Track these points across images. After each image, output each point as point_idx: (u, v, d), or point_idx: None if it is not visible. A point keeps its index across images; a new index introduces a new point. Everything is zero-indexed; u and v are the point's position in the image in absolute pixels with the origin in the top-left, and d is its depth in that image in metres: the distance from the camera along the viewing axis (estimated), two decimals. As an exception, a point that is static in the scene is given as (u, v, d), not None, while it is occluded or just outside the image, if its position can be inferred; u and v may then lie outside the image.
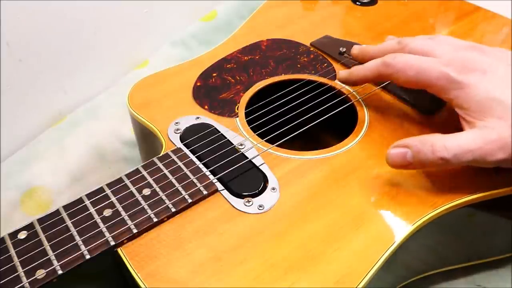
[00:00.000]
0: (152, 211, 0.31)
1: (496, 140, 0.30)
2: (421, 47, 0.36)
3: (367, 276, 0.28)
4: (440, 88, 0.34)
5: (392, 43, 0.39)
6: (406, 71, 0.35)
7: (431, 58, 0.35)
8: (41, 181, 0.48)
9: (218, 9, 0.70)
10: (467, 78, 0.33)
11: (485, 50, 0.35)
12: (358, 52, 0.42)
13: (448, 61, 0.34)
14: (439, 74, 0.33)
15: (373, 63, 0.37)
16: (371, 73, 0.38)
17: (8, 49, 0.48)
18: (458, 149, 0.31)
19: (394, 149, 0.33)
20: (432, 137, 0.32)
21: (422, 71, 0.34)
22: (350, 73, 0.40)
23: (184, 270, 0.29)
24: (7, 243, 0.29)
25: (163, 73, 0.46)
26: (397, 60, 0.35)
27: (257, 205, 0.32)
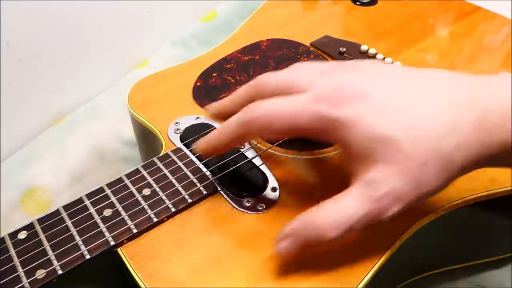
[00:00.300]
0: (152, 211, 0.31)
1: (386, 194, 0.24)
2: (281, 81, 0.29)
3: (367, 276, 0.28)
4: (319, 132, 0.27)
5: (246, 88, 0.31)
6: (272, 124, 0.27)
7: (295, 96, 0.27)
8: (41, 181, 0.48)
9: (218, 9, 0.70)
10: (345, 111, 0.25)
11: (359, 67, 0.28)
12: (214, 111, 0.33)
13: (318, 95, 0.26)
14: (310, 116, 0.26)
15: (232, 123, 0.29)
16: (234, 137, 0.29)
17: (8, 49, 0.48)
18: (347, 222, 0.25)
19: (281, 244, 0.27)
20: (316, 216, 0.26)
21: (290, 117, 0.26)
22: (208, 143, 0.31)
23: (184, 270, 0.29)
24: (7, 243, 0.29)
25: (163, 73, 0.46)
26: (256, 114, 0.27)
27: (257, 205, 0.32)
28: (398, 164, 0.24)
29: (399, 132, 0.24)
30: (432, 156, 0.24)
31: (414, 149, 0.24)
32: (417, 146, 0.24)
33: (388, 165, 0.24)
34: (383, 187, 0.24)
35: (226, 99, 0.32)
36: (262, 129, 0.28)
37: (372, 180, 0.25)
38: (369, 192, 0.25)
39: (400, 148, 0.24)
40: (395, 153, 0.24)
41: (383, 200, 0.24)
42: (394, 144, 0.24)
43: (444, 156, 0.24)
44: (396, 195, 0.24)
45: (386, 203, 0.25)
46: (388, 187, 0.24)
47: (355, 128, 0.25)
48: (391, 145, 0.24)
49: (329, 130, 0.26)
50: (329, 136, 0.27)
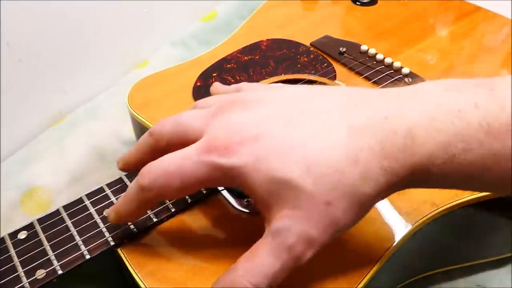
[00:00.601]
0: (152, 211, 0.31)
1: (296, 242, 0.23)
2: (175, 130, 0.28)
3: (367, 276, 0.28)
4: (220, 181, 0.25)
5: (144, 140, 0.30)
6: (170, 185, 0.25)
7: (186, 149, 0.26)
8: (41, 181, 0.48)
9: (218, 9, 0.70)
10: (238, 158, 0.24)
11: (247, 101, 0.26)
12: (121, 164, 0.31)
13: (207, 145, 0.25)
14: (205, 168, 0.24)
15: (131, 192, 0.27)
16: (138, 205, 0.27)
17: (8, 49, 0.48)
18: (266, 279, 0.23)
19: None
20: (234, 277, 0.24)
21: (186, 174, 0.25)
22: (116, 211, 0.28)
23: (184, 270, 0.29)
24: (7, 243, 0.29)
25: (163, 73, 0.46)
26: (152, 176, 0.26)
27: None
28: (303, 207, 0.23)
29: (299, 173, 0.23)
30: (337, 193, 0.23)
31: (317, 188, 0.23)
32: (319, 185, 0.23)
33: (294, 210, 0.23)
34: (293, 234, 0.23)
35: (130, 151, 0.31)
36: (162, 192, 0.26)
37: (280, 228, 0.23)
38: (280, 242, 0.23)
39: (302, 190, 0.23)
40: (298, 196, 0.23)
41: (295, 247, 0.23)
42: (295, 186, 0.23)
43: (349, 191, 0.23)
44: (307, 240, 0.23)
45: (299, 250, 0.23)
46: (298, 233, 0.23)
47: (252, 173, 0.24)
48: (293, 188, 0.23)
49: (228, 179, 0.25)
50: (232, 183, 0.25)
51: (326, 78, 0.45)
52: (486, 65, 0.46)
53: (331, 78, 0.45)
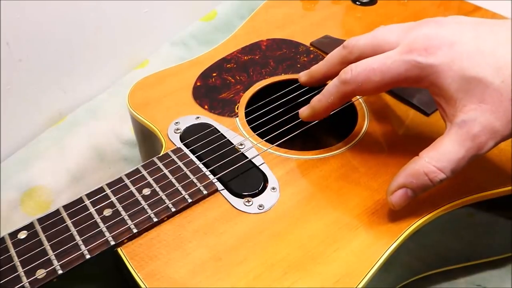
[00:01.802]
0: (152, 211, 0.31)
1: (482, 131, 0.27)
2: (370, 42, 0.32)
3: (367, 276, 0.28)
4: (414, 79, 0.30)
5: (336, 52, 0.35)
6: (371, 79, 0.31)
7: (388, 52, 0.31)
8: (41, 181, 0.48)
9: (218, 9, 0.70)
10: (436, 58, 0.28)
11: (439, 20, 0.31)
12: (306, 78, 0.38)
13: (408, 47, 0.30)
14: (406, 65, 0.29)
15: (330, 87, 0.33)
16: (334, 99, 0.33)
17: (8, 49, 0.48)
18: (451, 163, 0.28)
19: (393, 196, 0.30)
20: (421, 165, 0.29)
21: (387, 70, 0.30)
22: (313, 109, 0.35)
23: (184, 270, 0.29)
24: (7, 243, 0.29)
25: (163, 73, 0.46)
26: (354, 72, 0.31)
27: (257, 205, 0.32)
28: (490, 102, 0.27)
29: (490, 73, 0.27)
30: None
31: (504, 86, 0.26)
32: (507, 84, 0.26)
33: (481, 104, 0.27)
34: (478, 124, 0.27)
35: (318, 64, 0.37)
36: (363, 84, 0.31)
37: (467, 119, 0.27)
38: (466, 131, 0.27)
39: (491, 87, 0.26)
40: (487, 92, 0.27)
41: (480, 136, 0.27)
42: (485, 84, 0.27)
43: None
44: (490, 130, 0.27)
45: (483, 139, 0.27)
46: (483, 124, 0.27)
47: (447, 72, 0.28)
48: (483, 85, 0.27)
49: (422, 76, 0.29)
50: (422, 83, 0.29)
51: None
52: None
53: (331, 78, 0.45)
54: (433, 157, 0.28)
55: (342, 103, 0.34)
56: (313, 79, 0.37)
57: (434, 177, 0.28)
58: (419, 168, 0.29)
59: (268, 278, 0.28)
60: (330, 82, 0.33)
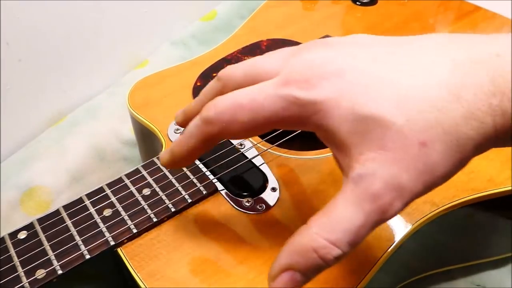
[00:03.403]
0: (152, 211, 0.31)
1: (383, 189, 0.20)
2: (249, 72, 0.25)
3: (367, 276, 0.28)
4: (294, 121, 0.23)
5: (210, 86, 0.28)
6: (237, 118, 0.23)
7: (262, 83, 0.23)
8: (41, 181, 0.48)
9: (218, 9, 0.70)
10: (320, 91, 0.21)
11: (329, 42, 0.24)
12: (181, 117, 0.29)
13: (285, 78, 0.23)
14: (282, 102, 0.22)
15: (191, 127, 0.25)
16: (196, 142, 0.25)
17: (8, 49, 0.48)
18: (347, 235, 0.20)
19: (276, 282, 0.22)
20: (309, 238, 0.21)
21: (259, 108, 0.23)
22: (172, 152, 0.27)
23: (184, 270, 0.29)
24: (7, 243, 0.29)
25: (163, 73, 0.46)
26: (218, 108, 0.24)
27: (257, 205, 0.32)
28: (392, 148, 0.20)
29: (389, 108, 0.20)
30: (434, 133, 0.20)
31: (410, 126, 0.20)
32: (413, 123, 0.20)
33: (381, 151, 0.20)
34: (378, 179, 0.20)
35: (192, 102, 0.29)
36: (229, 125, 0.24)
37: (364, 173, 0.20)
38: (363, 189, 0.20)
39: (392, 127, 0.20)
40: (387, 135, 0.20)
41: (382, 196, 0.20)
42: (385, 124, 0.20)
43: (449, 131, 0.20)
44: (396, 186, 0.20)
45: (386, 199, 0.20)
46: (385, 178, 0.20)
47: (335, 109, 0.21)
48: (382, 125, 0.20)
49: (304, 117, 0.22)
50: (305, 125, 0.23)
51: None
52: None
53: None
54: (324, 226, 0.21)
55: (206, 147, 0.26)
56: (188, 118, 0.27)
57: (326, 254, 0.20)
58: (306, 243, 0.21)
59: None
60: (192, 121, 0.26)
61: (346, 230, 0.20)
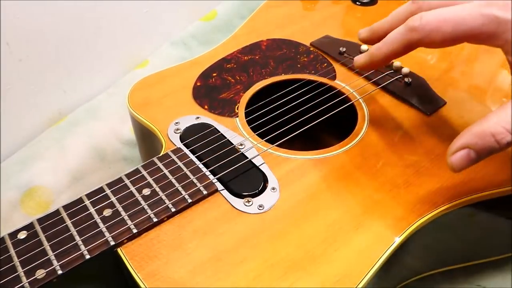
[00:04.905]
0: (152, 211, 0.31)
1: None
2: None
3: (367, 276, 0.28)
4: (488, 35, 0.28)
5: (404, 7, 0.33)
6: (441, 28, 0.29)
7: (463, 4, 0.29)
8: (41, 181, 0.48)
9: (218, 9, 0.70)
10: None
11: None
12: (368, 33, 0.35)
13: (487, 1, 0.28)
14: (483, 19, 0.28)
15: (396, 34, 0.31)
16: (398, 46, 0.31)
17: (8, 49, 0.48)
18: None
19: (454, 156, 0.28)
20: (488, 124, 0.27)
21: (461, 21, 0.28)
22: (371, 55, 0.33)
23: (184, 270, 0.29)
24: (7, 243, 0.29)
25: (163, 73, 0.46)
26: (425, 20, 0.29)
27: (257, 205, 0.32)
28: None
29: None
30: None
31: None
32: None
33: None
34: None
35: (382, 20, 0.34)
36: (431, 33, 0.29)
37: None
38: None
39: None
40: None
41: None
42: None
43: None
44: None
45: None
46: None
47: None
48: None
49: (498, 33, 0.27)
50: (496, 40, 0.28)
51: (326, 78, 0.45)
52: (486, 65, 0.46)
53: (331, 78, 0.45)
54: (502, 118, 0.27)
55: (405, 53, 0.32)
56: (375, 35, 0.34)
57: (502, 139, 0.27)
58: (486, 129, 0.27)
59: (268, 278, 0.28)
60: (394, 30, 0.31)
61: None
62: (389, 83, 0.43)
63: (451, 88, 0.43)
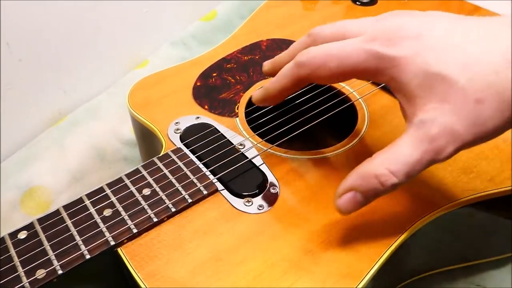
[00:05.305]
0: (152, 211, 0.31)
1: (440, 133, 0.25)
2: (335, 30, 0.30)
3: (367, 276, 0.28)
4: (372, 72, 0.28)
5: (301, 40, 0.33)
6: (326, 64, 0.28)
7: (349, 40, 0.29)
8: (41, 181, 0.48)
9: (218, 9, 0.70)
10: (398, 49, 0.26)
11: (412, 12, 0.29)
12: (270, 66, 0.35)
13: (371, 36, 0.27)
14: (365, 55, 0.27)
15: (286, 69, 0.31)
16: (287, 81, 0.31)
17: (8, 49, 0.48)
18: (404, 167, 0.25)
19: (341, 199, 0.28)
20: (372, 166, 0.26)
21: (345, 57, 0.28)
22: (266, 91, 0.33)
23: (184, 270, 0.29)
24: (7, 243, 0.29)
25: (163, 73, 0.46)
26: (311, 55, 0.29)
27: (257, 205, 0.32)
28: (452, 101, 0.24)
29: (455, 70, 0.25)
30: (489, 92, 0.24)
31: (470, 86, 0.24)
32: (473, 83, 0.24)
33: (442, 103, 0.25)
34: (437, 125, 0.24)
35: (282, 53, 0.34)
36: (318, 69, 0.29)
37: (425, 119, 0.25)
38: (423, 132, 0.25)
39: (455, 85, 0.24)
40: (450, 91, 0.24)
41: (438, 139, 0.25)
42: (449, 81, 0.24)
43: (502, 92, 0.24)
44: (450, 133, 0.24)
45: (441, 142, 0.25)
46: (442, 125, 0.24)
47: (409, 66, 0.26)
48: (446, 82, 0.25)
49: (382, 69, 0.27)
50: (381, 76, 0.27)
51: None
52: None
53: (331, 78, 0.45)
54: (387, 159, 0.26)
55: (295, 88, 0.32)
56: (276, 68, 0.33)
57: (385, 181, 0.26)
58: (369, 170, 0.26)
59: (268, 278, 0.28)
60: (285, 66, 0.31)
61: (405, 164, 0.25)
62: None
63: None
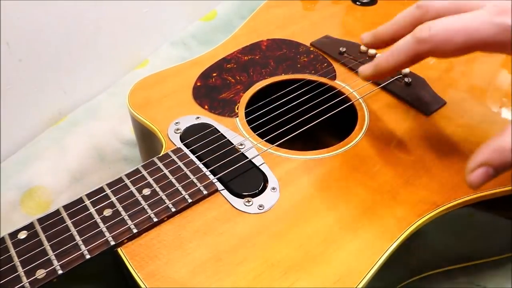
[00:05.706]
0: (152, 211, 0.31)
1: None
2: (449, 2, 0.29)
3: (367, 276, 0.28)
4: (501, 44, 0.27)
5: (408, 12, 0.32)
6: (452, 39, 0.28)
7: (473, 13, 0.28)
8: (41, 181, 0.48)
9: (218, 9, 0.70)
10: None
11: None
12: (371, 38, 0.34)
13: (499, 8, 0.27)
14: (496, 28, 0.27)
15: (403, 45, 0.30)
16: (406, 57, 0.30)
17: (8, 49, 0.48)
18: None
19: (472, 175, 0.28)
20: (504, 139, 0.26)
21: (473, 32, 0.27)
22: (376, 67, 0.32)
23: (184, 270, 0.29)
24: (7, 243, 0.29)
25: (163, 73, 0.46)
26: (433, 31, 0.28)
27: (257, 205, 0.32)
28: None
29: None
30: None
31: None
32: None
33: None
34: None
35: (385, 25, 0.33)
36: (441, 44, 0.28)
37: None
38: None
39: None
40: None
41: None
42: None
43: None
44: None
45: None
46: None
47: None
48: None
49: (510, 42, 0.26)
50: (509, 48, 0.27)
51: (326, 78, 0.45)
52: (485, 65, 0.46)
53: (331, 78, 0.45)
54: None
55: (412, 64, 0.31)
56: (379, 40, 0.33)
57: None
58: (505, 144, 0.26)
59: (268, 278, 0.28)
60: (400, 40, 0.30)
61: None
62: (389, 83, 0.43)
63: (451, 88, 0.43)
